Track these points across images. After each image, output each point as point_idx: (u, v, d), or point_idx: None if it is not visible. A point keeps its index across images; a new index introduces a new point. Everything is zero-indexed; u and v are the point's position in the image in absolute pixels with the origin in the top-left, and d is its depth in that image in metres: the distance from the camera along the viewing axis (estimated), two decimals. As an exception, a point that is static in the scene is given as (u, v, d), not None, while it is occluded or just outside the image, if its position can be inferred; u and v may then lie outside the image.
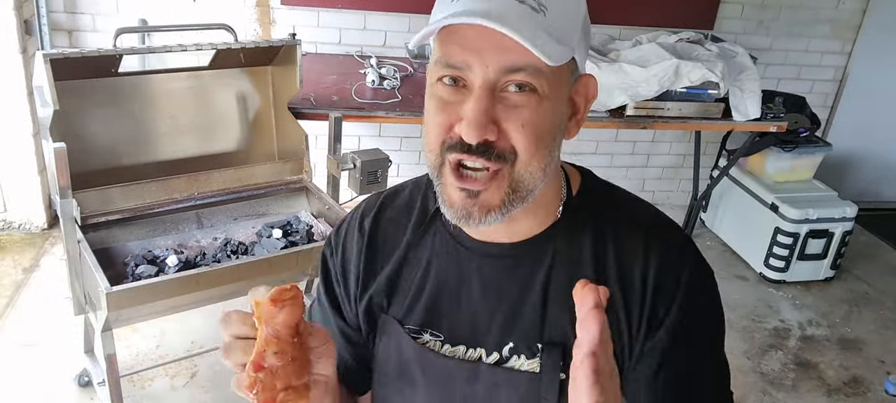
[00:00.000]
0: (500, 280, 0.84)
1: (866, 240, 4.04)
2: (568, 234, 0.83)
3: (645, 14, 3.62)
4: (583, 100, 0.80)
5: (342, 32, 3.39)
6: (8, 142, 3.07)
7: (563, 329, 0.81)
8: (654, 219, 0.87)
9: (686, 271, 0.82)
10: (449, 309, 0.86)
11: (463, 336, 0.85)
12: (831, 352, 3.05)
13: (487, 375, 0.83)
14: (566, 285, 0.80)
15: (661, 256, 0.82)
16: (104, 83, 2.19)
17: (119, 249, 2.20)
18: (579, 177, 0.88)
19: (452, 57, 0.72)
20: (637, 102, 2.94)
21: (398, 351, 0.88)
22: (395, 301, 0.89)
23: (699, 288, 0.83)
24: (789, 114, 3.27)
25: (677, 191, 4.21)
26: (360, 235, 0.93)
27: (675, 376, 0.82)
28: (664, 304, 0.81)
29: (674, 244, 0.84)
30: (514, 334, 0.83)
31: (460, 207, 0.75)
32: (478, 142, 0.72)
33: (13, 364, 2.46)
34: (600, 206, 0.85)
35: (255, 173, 2.47)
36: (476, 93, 0.72)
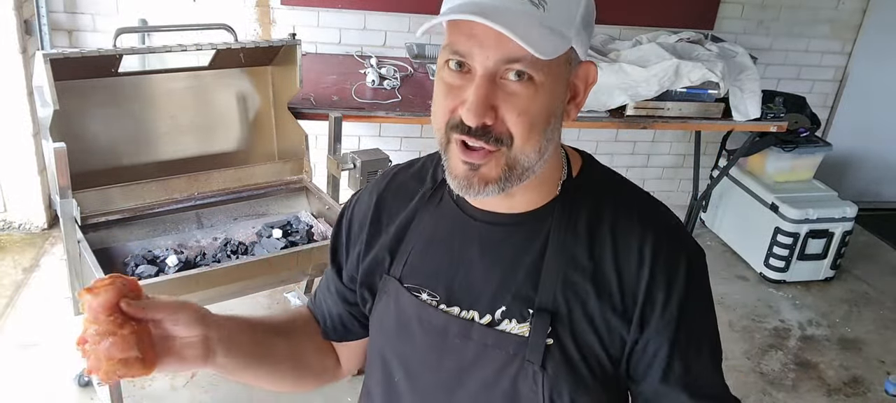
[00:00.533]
0: (498, 247, 0.90)
1: (866, 240, 4.04)
2: (565, 210, 0.89)
3: (645, 14, 3.62)
4: (583, 84, 0.86)
5: (342, 32, 3.39)
6: (8, 142, 3.07)
7: (553, 296, 0.86)
8: (649, 202, 0.93)
9: (683, 255, 0.87)
10: (447, 272, 0.92)
11: (459, 298, 0.90)
12: (831, 352, 3.05)
13: (479, 334, 0.88)
14: (559, 256, 0.87)
15: (658, 237, 0.87)
16: (104, 83, 2.20)
17: (119, 249, 2.20)
18: (581, 161, 0.94)
19: (458, 44, 0.79)
20: (637, 102, 2.94)
21: (397, 308, 0.94)
22: (397, 260, 0.95)
23: (697, 270, 0.88)
24: (789, 114, 3.27)
25: (677, 191, 4.21)
26: (369, 198, 1.01)
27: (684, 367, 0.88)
28: (663, 289, 0.86)
29: (670, 225, 0.90)
30: (508, 298, 0.88)
31: (462, 177, 0.82)
32: (477, 125, 0.78)
33: (13, 364, 2.46)
34: (599, 187, 0.91)
35: (255, 173, 2.47)
36: (477, 80, 0.78)
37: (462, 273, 0.91)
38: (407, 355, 0.94)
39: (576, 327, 0.85)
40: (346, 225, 1.03)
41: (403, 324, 0.93)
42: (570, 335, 0.85)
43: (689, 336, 0.88)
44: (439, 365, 0.91)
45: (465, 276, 0.91)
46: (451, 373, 0.90)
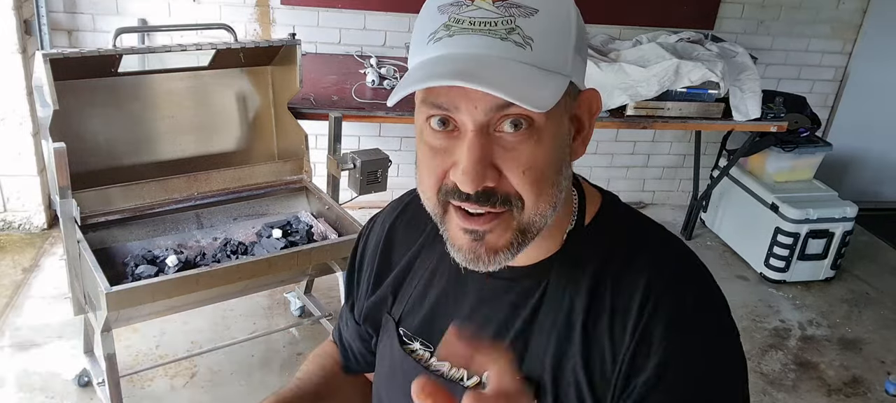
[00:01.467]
0: (491, 302, 0.81)
1: (866, 240, 4.04)
2: (567, 266, 0.78)
3: (645, 14, 3.62)
4: (586, 115, 0.75)
5: (342, 32, 3.39)
6: (8, 142, 3.07)
7: (540, 362, 0.77)
8: (667, 267, 0.76)
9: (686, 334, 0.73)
10: (443, 323, 0.84)
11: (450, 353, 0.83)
12: (831, 352, 3.05)
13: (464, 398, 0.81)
14: (551, 318, 0.77)
15: (657, 283, 0.74)
16: (104, 83, 2.19)
17: (119, 249, 2.20)
18: (598, 205, 0.82)
19: (439, 96, 0.67)
20: (637, 102, 2.94)
21: (390, 353, 0.89)
22: (399, 301, 0.89)
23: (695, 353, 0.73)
24: (789, 114, 3.27)
25: (677, 191, 4.21)
26: (381, 229, 0.95)
27: None
28: (643, 354, 0.73)
29: (681, 302, 0.74)
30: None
31: (467, 250, 0.72)
32: (475, 191, 0.67)
33: (13, 364, 2.46)
34: (614, 235, 0.78)
35: (255, 173, 2.47)
36: (469, 138, 0.66)
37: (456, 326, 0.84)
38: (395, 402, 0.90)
39: (561, 399, 0.76)
40: (358, 257, 0.98)
41: (393, 371, 0.88)
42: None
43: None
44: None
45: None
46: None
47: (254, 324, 2.78)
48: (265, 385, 2.47)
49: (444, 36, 0.67)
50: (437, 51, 0.67)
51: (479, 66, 0.64)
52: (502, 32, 0.65)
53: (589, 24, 3.43)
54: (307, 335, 2.74)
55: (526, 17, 0.65)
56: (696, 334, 0.74)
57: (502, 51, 0.65)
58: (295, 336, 2.74)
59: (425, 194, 0.73)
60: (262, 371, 2.54)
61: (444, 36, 0.67)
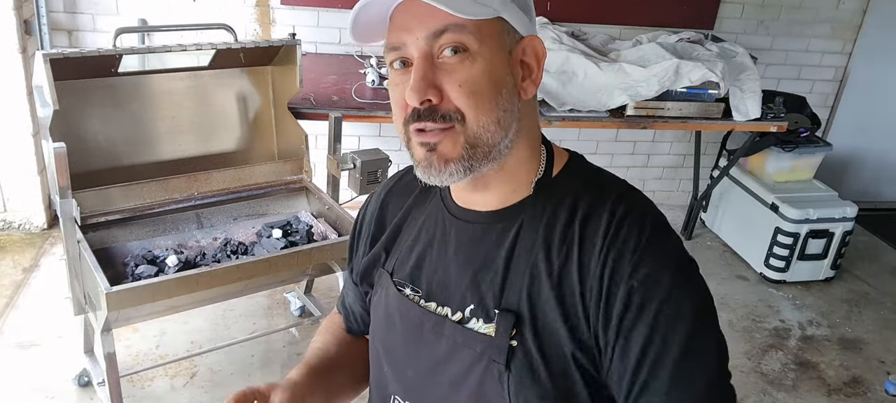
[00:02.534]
0: (470, 244, 0.90)
1: (867, 240, 4.04)
2: (538, 209, 0.87)
3: (645, 14, 3.62)
4: (533, 59, 0.86)
5: (342, 32, 3.39)
6: (8, 142, 3.07)
7: (518, 296, 0.85)
8: (628, 203, 0.84)
9: (648, 254, 0.79)
10: (428, 268, 0.94)
11: (436, 294, 0.92)
12: (831, 352, 3.05)
13: (450, 331, 0.89)
14: (526, 256, 0.85)
15: (623, 235, 0.80)
16: (104, 83, 2.19)
17: (119, 249, 2.20)
18: (566, 159, 0.92)
19: (392, 40, 0.83)
20: (637, 102, 2.94)
21: (386, 300, 0.97)
22: (391, 256, 0.99)
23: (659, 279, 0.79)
24: (789, 114, 3.27)
25: (677, 190, 4.21)
26: (376, 200, 1.06)
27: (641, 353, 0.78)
28: (617, 283, 0.79)
29: (639, 225, 0.82)
30: (476, 296, 0.88)
31: (423, 160, 0.84)
32: (420, 103, 0.80)
33: (13, 364, 2.46)
34: (580, 185, 0.88)
35: (255, 173, 2.47)
36: (415, 62, 0.81)
37: (440, 269, 0.92)
38: (391, 346, 0.97)
39: (539, 330, 0.83)
40: (357, 226, 1.08)
41: (389, 316, 0.96)
42: (533, 337, 0.83)
43: (664, 339, 0.78)
44: (417, 358, 0.93)
45: (442, 273, 0.92)
46: (427, 367, 0.92)
47: (254, 324, 2.78)
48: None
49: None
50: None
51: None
52: None
53: (589, 24, 3.44)
54: (307, 335, 2.74)
55: None
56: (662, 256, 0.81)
57: None
58: (295, 337, 2.74)
59: (398, 128, 0.86)
60: (262, 371, 2.54)
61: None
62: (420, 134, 0.82)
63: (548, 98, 2.87)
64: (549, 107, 2.88)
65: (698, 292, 0.82)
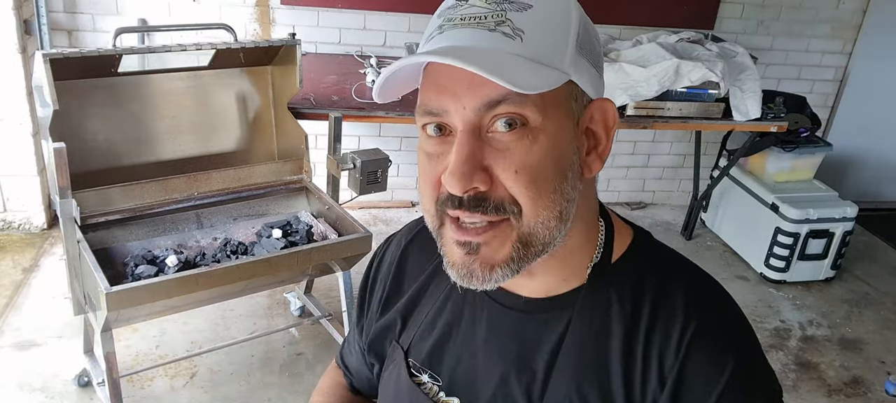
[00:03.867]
0: (507, 334, 0.75)
1: (867, 241, 4.04)
2: (592, 301, 0.72)
3: (645, 14, 3.62)
4: (602, 127, 0.69)
5: (342, 32, 3.39)
6: (8, 142, 3.07)
7: (563, 401, 0.71)
8: (704, 310, 0.70)
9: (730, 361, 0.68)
10: (451, 353, 0.79)
11: (459, 387, 0.78)
12: (832, 353, 3.05)
13: None
14: (577, 357, 0.71)
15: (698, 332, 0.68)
16: (104, 83, 2.19)
17: (119, 249, 2.20)
18: (629, 239, 0.76)
19: (429, 102, 0.65)
20: (637, 102, 2.94)
21: (396, 384, 0.84)
22: (408, 329, 0.85)
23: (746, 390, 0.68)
24: (790, 114, 3.27)
25: (678, 191, 4.21)
26: (395, 251, 0.90)
27: None
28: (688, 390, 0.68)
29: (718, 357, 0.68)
30: (507, 399, 0.75)
31: (460, 265, 0.67)
32: (464, 193, 0.63)
33: (13, 364, 2.46)
34: (646, 273, 0.72)
35: (255, 173, 2.47)
36: (458, 138, 0.63)
37: (466, 358, 0.78)
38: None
39: None
40: (371, 276, 0.93)
41: (399, 401, 0.84)
42: None
43: None
44: None
45: (468, 362, 0.78)
46: None
47: (254, 324, 2.78)
48: (265, 385, 2.47)
49: (436, 35, 0.66)
50: (426, 48, 0.66)
51: (465, 51, 0.61)
52: (491, 25, 0.62)
53: (589, 24, 3.31)
54: (307, 335, 2.74)
55: (519, 11, 0.63)
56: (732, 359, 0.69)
57: (490, 42, 0.62)
58: (295, 337, 2.74)
59: (425, 208, 0.70)
60: (262, 371, 2.54)
61: (436, 35, 0.66)
62: (458, 228, 0.66)
63: (548, 98, 2.87)
64: (549, 107, 2.88)
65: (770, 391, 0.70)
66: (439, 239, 0.69)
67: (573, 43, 0.65)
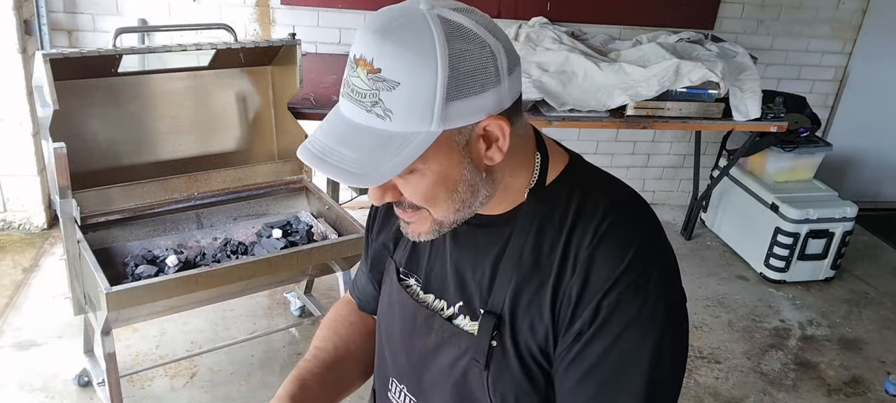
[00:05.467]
0: (465, 244, 0.93)
1: (867, 240, 4.04)
2: (529, 216, 0.88)
3: (645, 14, 3.62)
4: (497, 130, 0.79)
5: (342, 32, 3.39)
6: (8, 142, 3.07)
7: (501, 298, 0.88)
8: (617, 213, 0.84)
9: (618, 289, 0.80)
10: (428, 260, 0.98)
11: (433, 286, 0.97)
12: (831, 352, 3.05)
13: (439, 326, 0.94)
14: (513, 261, 0.88)
15: (600, 257, 0.82)
16: (104, 83, 2.19)
17: (119, 249, 2.20)
18: (564, 164, 0.90)
19: None
20: (637, 102, 2.94)
21: (389, 289, 1.02)
22: (399, 246, 1.03)
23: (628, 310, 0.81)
24: (789, 114, 3.27)
25: (677, 190, 4.21)
26: None
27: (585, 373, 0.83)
28: (581, 320, 0.82)
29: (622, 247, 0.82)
30: (464, 295, 0.92)
31: (403, 228, 0.90)
32: (381, 204, 0.86)
33: (13, 364, 2.46)
34: (571, 193, 0.87)
35: (255, 173, 2.47)
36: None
37: (438, 263, 0.96)
38: (391, 333, 1.02)
39: (518, 334, 0.87)
40: (372, 213, 1.11)
41: (391, 305, 1.01)
42: (511, 339, 0.87)
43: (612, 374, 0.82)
44: (411, 346, 0.98)
45: (440, 268, 0.96)
46: (419, 356, 0.97)
47: (254, 324, 2.78)
48: (265, 385, 2.47)
49: (339, 96, 0.80)
50: (331, 112, 0.81)
51: (341, 141, 0.76)
52: (368, 104, 0.75)
53: (589, 24, 3.42)
54: (307, 335, 2.74)
55: (389, 90, 0.73)
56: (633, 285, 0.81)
57: (366, 120, 0.75)
58: (295, 337, 2.74)
59: None
60: (262, 371, 2.54)
61: (338, 97, 0.80)
62: (397, 207, 0.86)
63: (548, 98, 2.87)
64: (549, 107, 2.88)
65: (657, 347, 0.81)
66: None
67: (440, 101, 0.74)
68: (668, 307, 0.82)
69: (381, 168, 0.75)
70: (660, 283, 0.82)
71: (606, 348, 0.81)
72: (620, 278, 0.80)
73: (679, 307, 0.85)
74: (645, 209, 0.87)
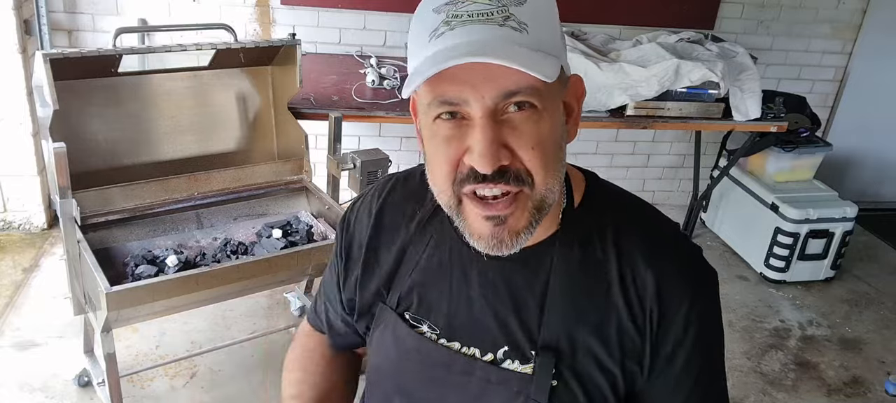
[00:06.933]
0: (499, 283, 0.85)
1: (867, 240, 4.04)
2: (567, 245, 0.83)
3: (645, 14, 3.61)
4: (574, 100, 0.82)
5: (342, 32, 3.39)
6: (8, 142, 3.07)
7: (556, 334, 0.82)
8: (658, 229, 0.88)
9: (694, 299, 0.84)
10: (447, 304, 0.87)
11: (459, 334, 0.87)
12: (831, 352, 3.05)
13: (482, 371, 0.85)
14: (564, 292, 0.82)
15: (666, 277, 0.83)
16: (104, 83, 2.19)
17: (119, 249, 2.20)
18: (584, 183, 0.89)
19: (446, 94, 0.72)
20: (637, 102, 2.94)
21: (396, 339, 0.90)
22: (394, 290, 0.91)
23: (705, 313, 0.85)
24: (790, 114, 3.27)
25: (677, 191, 4.21)
26: (368, 217, 0.96)
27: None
28: (673, 336, 0.84)
29: (680, 263, 0.85)
30: (509, 339, 0.84)
31: (490, 236, 0.76)
32: (493, 170, 0.72)
33: (13, 364, 2.46)
34: (603, 215, 0.86)
35: (255, 173, 2.47)
36: (480, 123, 0.72)
37: (462, 307, 0.87)
38: (409, 387, 0.91)
39: (580, 368, 0.82)
40: (345, 241, 0.98)
41: (403, 356, 0.90)
42: (573, 376, 0.82)
43: (700, 390, 0.87)
44: (442, 399, 0.88)
45: (466, 313, 0.87)
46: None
47: (254, 324, 2.78)
48: (265, 385, 2.47)
49: (445, 31, 0.71)
50: (442, 44, 0.71)
51: (488, 47, 0.69)
52: (499, 20, 0.70)
53: (589, 24, 3.43)
54: (307, 335, 2.73)
55: (517, 5, 0.70)
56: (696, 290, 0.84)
57: (504, 36, 0.70)
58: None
59: (441, 188, 0.77)
60: (262, 371, 2.54)
61: (446, 31, 0.71)
62: (483, 204, 0.75)
63: (548, 98, 2.86)
64: (549, 107, 2.87)
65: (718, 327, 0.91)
66: (458, 216, 0.78)
67: (560, 29, 0.76)
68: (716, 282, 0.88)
69: (543, 69, 0.69)
70: (712, 276, 0.87)
71: (705, 355, 0.86)
72: (698, 291, 0.84)
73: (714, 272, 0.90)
74: (655, 212, 0.91)
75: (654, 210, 0.90)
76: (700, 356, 0.85)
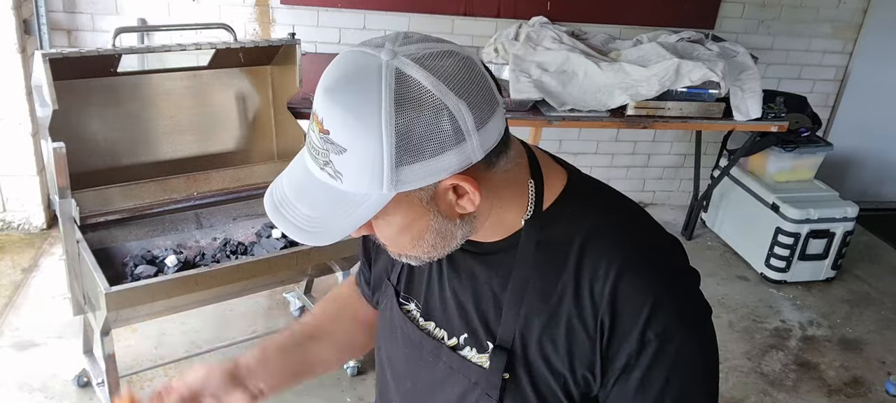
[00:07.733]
0: (464, 273, 0.90)
1: (867, 241, 4.03)
2: (530, 246, 0.85)
3: (646, 14, 3.61)
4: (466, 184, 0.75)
5: (342, 32, 3.39)
6: (7, 142, 3.07)
7: (511, 330, 0.85)
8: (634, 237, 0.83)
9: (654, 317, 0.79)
10: (427, 287, 0.95)
11: (434, 315, 0.94)
12: (832, 353, 3.05)
13: (446, 356, 0.91)
14: (520, 290, 0.85)
15: (625, 286, 0.79)
16: (103, 83, 2.19)
17: (118, 249, 2.20)
18: (562, 186, 0.86)
19: None
20: (638, 102, 2.94)
21: (390, 313, 1.00)
22: (395, 269, 1.00)
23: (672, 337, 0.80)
24: (790, 114, 3.27)
25: (678, 190, 4.21)
26: None
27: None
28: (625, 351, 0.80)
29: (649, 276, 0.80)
30: (468, 327, 0.89)
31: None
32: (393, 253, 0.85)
33: (13, 364, 2.46)
34: (573, 219, 0.84)
35: (255, 173, 2.47)
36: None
37: (437, 290, 0.93)
38: (394, 358, 1.00)
39: (533, 367, 0.84)
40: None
41: (392, 330, 0.99)
42: (526, 373, 0.84)
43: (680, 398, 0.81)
44: (417, 375, 0.96)
45: (439, 294, 0.93)
46: (426, 385, 0.95)
47: (253, 324, 2.78)
48: (265, 385, 2.46)
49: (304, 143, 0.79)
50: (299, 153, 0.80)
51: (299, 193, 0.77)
52: (321, 163, 0.74)
53: (589, 24, 3.42)
54: (307, 335, 2.73)
55: (337, 154, 0.72)
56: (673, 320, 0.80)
57: (321, 176, 0.75)
58: (295, 337, 2.73)
59: None
60: (261, 372, 2.54)
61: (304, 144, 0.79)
62: None
63: (548, 98, 2.87)
64: (549, 107, 2.87)
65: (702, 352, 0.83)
66: None
67: (388, 168, 0.71)
68: (702, 311, 0.83)
69: (334, 226, 0.75)
70: (691, 294, 0.83)
71: (670, 383, 0.80)
72: (665, 309, 0.79)
73: (705, 304, 0.84)
74: (642, 217, 0.86)
75: (642, 218, 0.86)
76: (659, 381, 0.80)
